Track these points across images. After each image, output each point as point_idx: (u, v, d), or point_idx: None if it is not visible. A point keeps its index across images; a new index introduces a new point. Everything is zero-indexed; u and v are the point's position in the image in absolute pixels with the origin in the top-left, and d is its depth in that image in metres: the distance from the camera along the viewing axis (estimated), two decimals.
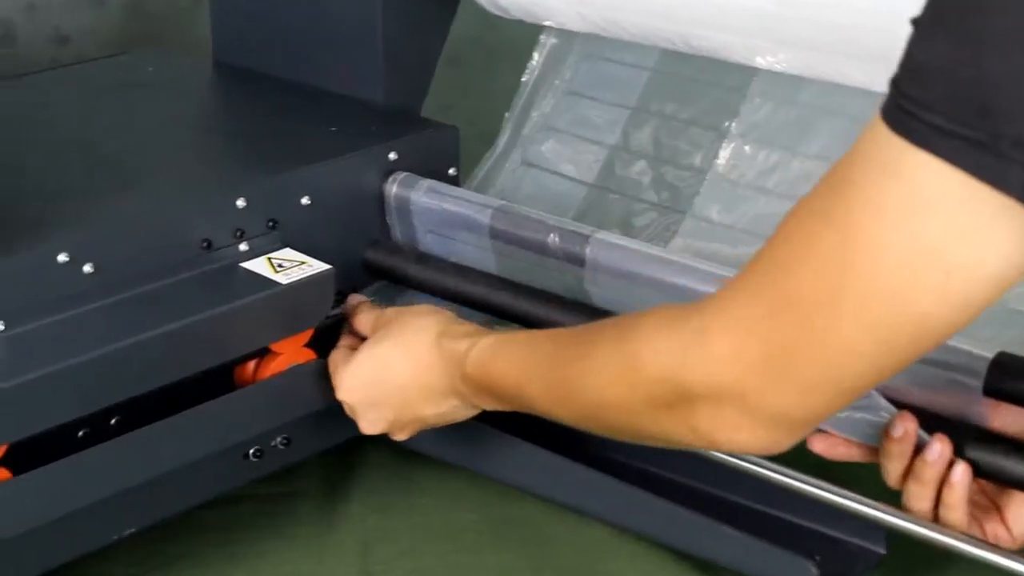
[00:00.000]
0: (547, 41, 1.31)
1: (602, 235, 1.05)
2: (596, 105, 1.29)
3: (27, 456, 0.92)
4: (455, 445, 1.13)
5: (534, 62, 1.31)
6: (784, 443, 0.77)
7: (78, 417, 0.94)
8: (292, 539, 1.10)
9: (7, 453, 0.91)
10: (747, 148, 1.20)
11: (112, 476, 0.96)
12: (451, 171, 1.19)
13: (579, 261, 1.05)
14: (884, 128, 0.67)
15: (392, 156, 1.15)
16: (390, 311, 1.05)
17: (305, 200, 1.10)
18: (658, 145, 1.25)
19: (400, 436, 1.04)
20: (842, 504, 0.94)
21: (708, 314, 0.76)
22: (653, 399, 0.79)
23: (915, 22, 0.66)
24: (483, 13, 1.26)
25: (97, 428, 0.96)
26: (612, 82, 1.29)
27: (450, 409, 1.00)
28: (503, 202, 1.12)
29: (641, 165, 1.25)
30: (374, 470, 1.19)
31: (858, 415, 0.90)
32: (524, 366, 0.91)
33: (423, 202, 1.14)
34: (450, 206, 1.13)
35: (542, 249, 1.07)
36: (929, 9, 0.65)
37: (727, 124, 1.21)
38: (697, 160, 1.22)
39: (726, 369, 0.74)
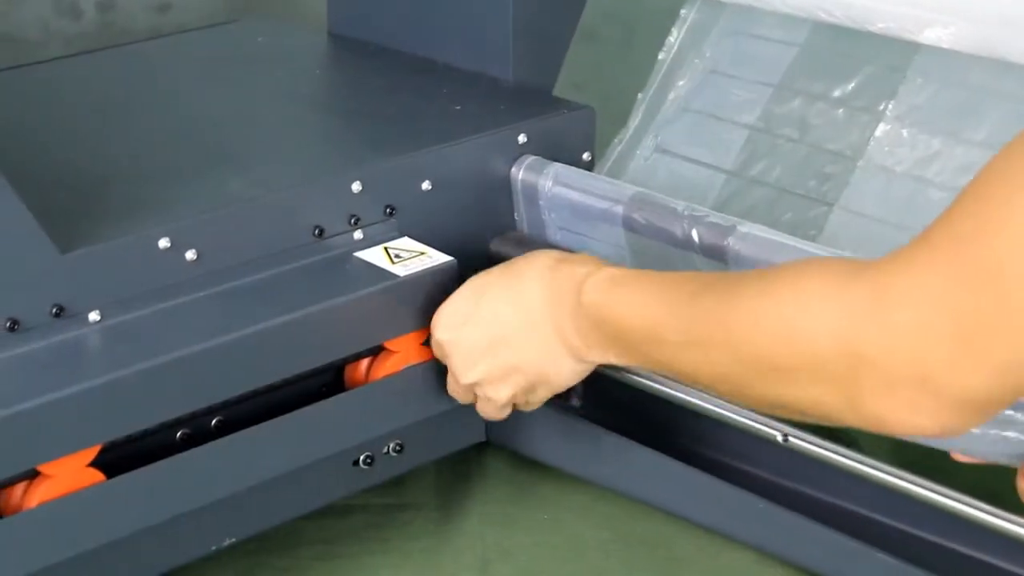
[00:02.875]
0: (688, 15, 1.28)
1: (748, 227, 1.01)
2: (738, 85, 1.26)
3: (122, 458, 0.90)
4: (579, 455, 1.11)
5: (672, 38, 1.28)
6: (964, 427, 0.73)
7: (177, 417, 0.92)
8: (404, 554, 1.09)
9: (100, 454, 0.89)
10: (905, 133, 1.15)
11: (212, 481, 0.94)
12: (585, 156, 1.17)
13: (721, 256, 1.01)
14: None
15: (521, 139, 1.12)
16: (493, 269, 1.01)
17: (426, 185, 1.07)
18: (805, 129, 1.21)
19: (495, 391, 0.96)
20: (1005, 529, 0.90)
21: (887, 277, 0.72)
22: (816, 366, 0.75)
23: None
24: None
25: (197, 429, 0.94)
26: (757, 60, 1.25)
27: (555, 352, 0.93)
28: (638, 189, 1.09)
29: (785, 151, 1.21)
30: (493, 480, 1.17)
31: None
32: (656, 308, 0.87)
33: (553, 189, 1.11)
34: (581, 194, 1.10)
35: (681, 242, 1.03)
36: None
37: (883, 106, 1.16)
38: (848, 146, 1.17)
39: (909, 343, 0.70)
